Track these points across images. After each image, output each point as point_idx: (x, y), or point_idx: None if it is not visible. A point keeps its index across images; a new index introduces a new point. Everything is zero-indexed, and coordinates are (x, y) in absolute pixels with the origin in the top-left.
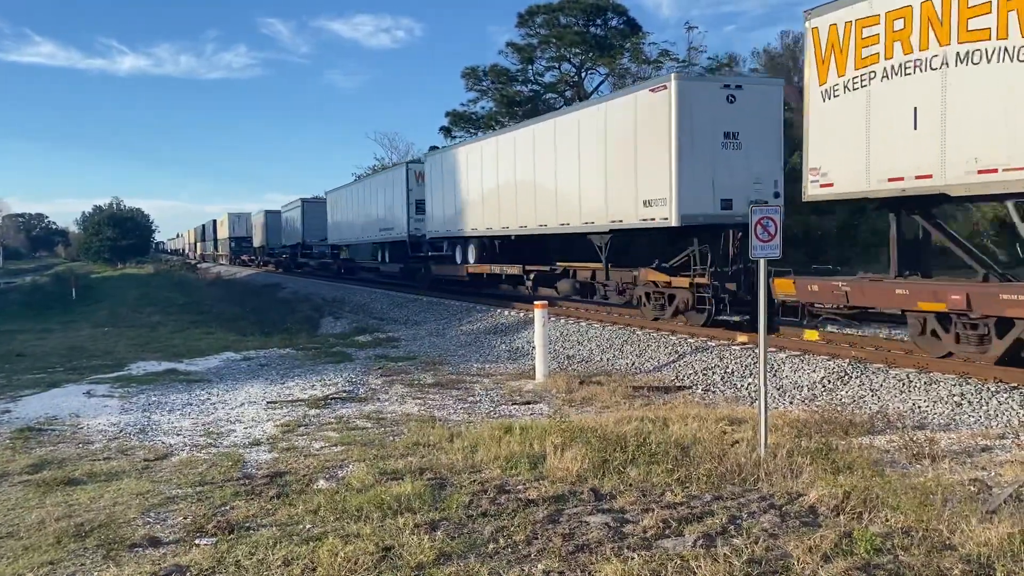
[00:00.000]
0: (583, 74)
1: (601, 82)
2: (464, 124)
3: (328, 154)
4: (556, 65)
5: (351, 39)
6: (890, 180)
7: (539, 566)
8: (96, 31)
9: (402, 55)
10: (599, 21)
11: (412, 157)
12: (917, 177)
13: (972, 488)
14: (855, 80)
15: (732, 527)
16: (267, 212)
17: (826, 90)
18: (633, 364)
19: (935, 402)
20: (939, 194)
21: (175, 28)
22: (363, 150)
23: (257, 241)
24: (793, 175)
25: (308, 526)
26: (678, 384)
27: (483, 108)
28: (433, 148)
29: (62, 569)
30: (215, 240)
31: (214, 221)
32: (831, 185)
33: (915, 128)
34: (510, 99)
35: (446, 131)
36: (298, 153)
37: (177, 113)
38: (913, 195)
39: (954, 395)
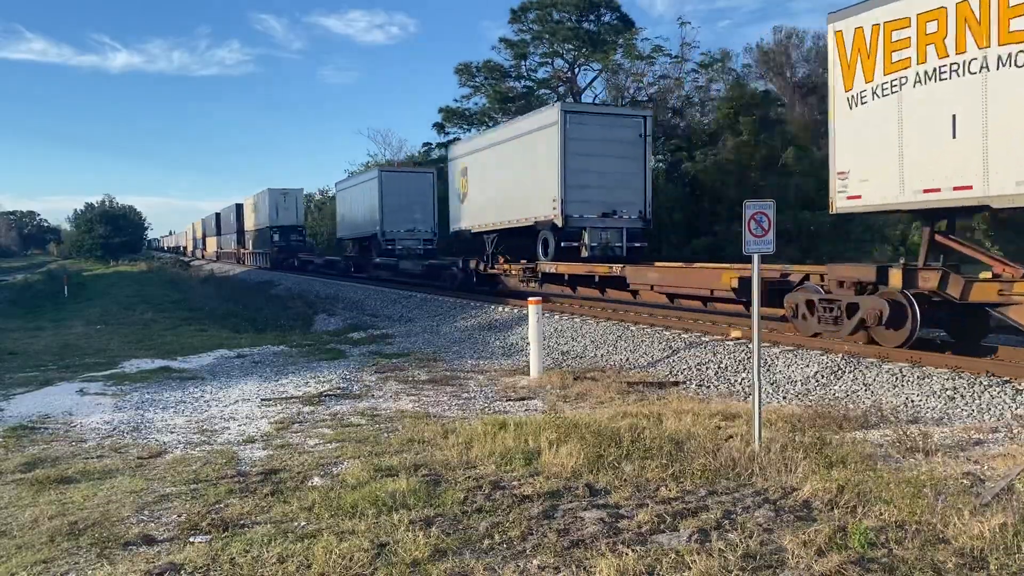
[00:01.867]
0: (576, 70)
1: (595, 78)
2: (458, 120)
3: (320, 150)
4: (549, 61)
5: (344, 35)
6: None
7: (534, 562)
8: (89, 28)
9: (396, 51)
10: (592, 17)
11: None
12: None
13: (965, 481)
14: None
15: (727, 522)
16: (384, 171)
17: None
18: (627, 360)
19: (928, 396)
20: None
21: (168, 24)
22: (356, 146)
23: (347, 229)
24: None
25: (303, 523)
26: (672, 379)
27: (476, 104)
28: None
29: (56, 568)
30: (239, 232)
31: (238, 206)
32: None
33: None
34: (503, 95)
35: (439, 127)
36: (290, 149)
37: (169, 110)
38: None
39: (947, 389)
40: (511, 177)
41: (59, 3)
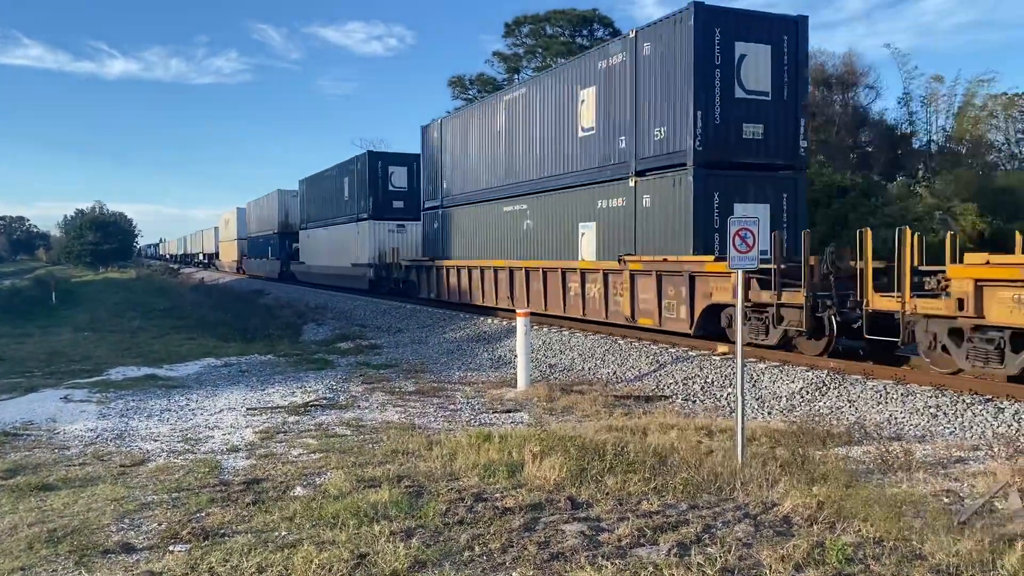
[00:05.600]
0: None
1: None
2: None
3: (317, 160)
4: None
5: (342, 46)
6: None
7: (513, 574)
8: (87, 34)
9: (393, 62)
10: (585, 32)
11: None
12: None
13: (945, 499)
14: None
15: (706, 536)
16: None
17: None
18: (615, 373)
19: (911, 413)
20: None
21: (167, 32)
22: (348, 155)
23: None
24: None
25: (283, 533)
26: (659, 393)
27: None
28: None
29: (33, 575)
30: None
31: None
32: None
33: None
34: None
35: None
36: (286, 160)
37: (165, 118)
38: None
39: (930, 407)
40: None
41: (58, 9)
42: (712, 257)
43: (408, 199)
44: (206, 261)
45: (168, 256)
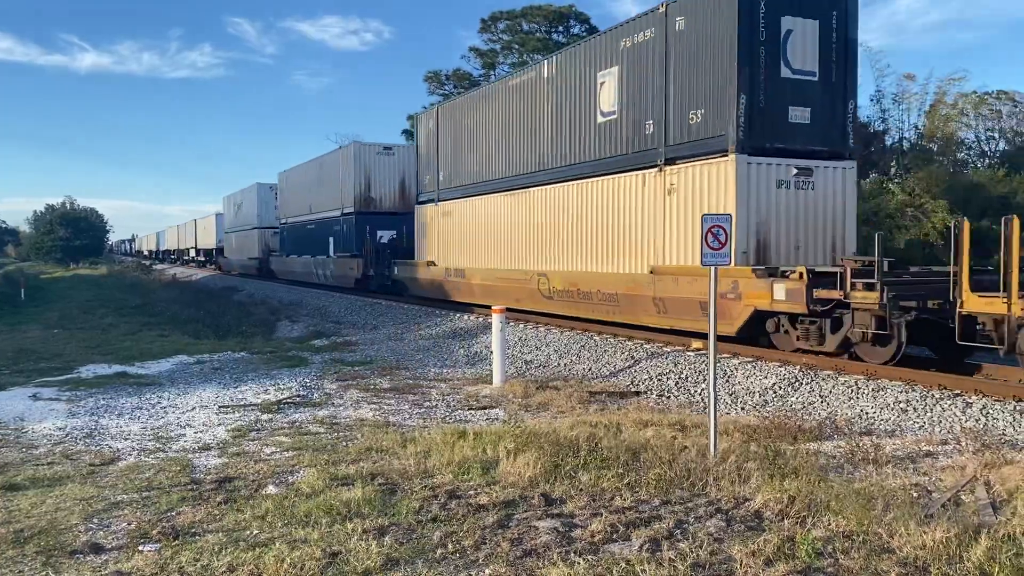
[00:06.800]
0: None
1: None
2: None
3: (292, 155)
4: None
5: (318, 40)
6: None
7: (486, 571)
8: (57, 27)
9: (369, 57)
10: (561, 28)
11: None
12: None
13: (913, 493)
14: None
15: (678, 531)
16: None
17: None
18: (590, 369)
19: (882, 408)
20: None
21: (139, 26)
22: (324, 151)
23: None
24: None
25: (255, 532)
26: (633, 389)
27: None
28: None
29: None
30: None
31: None
32: None
33: None
34: None
35: (408, 134)
36: (261, 155)
37: (137, 112)
38: None
39: (900, 402)
40: None
41: (29, 1)
42: None
43: (824, 107)
44: (203, 259)
45: (146, 252)
